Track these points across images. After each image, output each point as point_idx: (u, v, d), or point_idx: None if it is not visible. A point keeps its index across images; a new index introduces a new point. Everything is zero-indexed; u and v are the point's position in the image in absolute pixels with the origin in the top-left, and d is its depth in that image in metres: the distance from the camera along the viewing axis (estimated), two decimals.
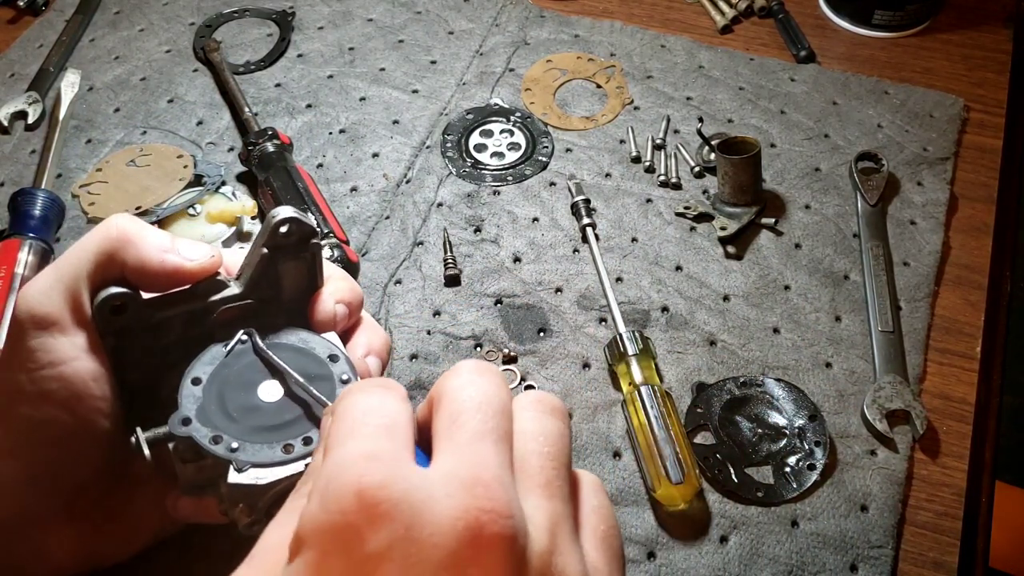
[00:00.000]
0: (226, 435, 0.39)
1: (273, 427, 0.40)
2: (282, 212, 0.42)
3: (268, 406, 0.41)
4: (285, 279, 0.44)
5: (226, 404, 0.41)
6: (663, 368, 0.58)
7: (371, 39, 0.81)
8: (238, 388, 0.41)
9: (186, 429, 0.39)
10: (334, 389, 0.42)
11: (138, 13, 0.85)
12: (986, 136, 0.72)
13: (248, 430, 0.40)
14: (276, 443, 0.40)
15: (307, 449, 0.40)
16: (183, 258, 0.42)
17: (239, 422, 0.40)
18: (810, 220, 0.66)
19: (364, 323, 0.48)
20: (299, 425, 0.41)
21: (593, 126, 0.73)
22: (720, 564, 0.50)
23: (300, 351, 0.44)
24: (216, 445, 0.39)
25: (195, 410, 0.40)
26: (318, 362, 0.43)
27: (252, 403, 0.41)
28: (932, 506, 0.53)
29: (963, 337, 0.60)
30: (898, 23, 0.79)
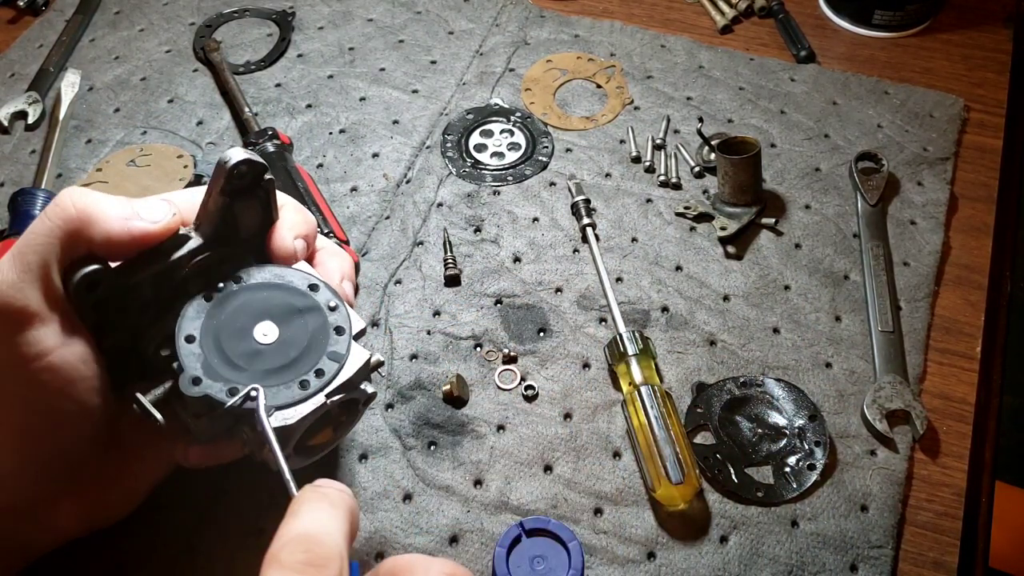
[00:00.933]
0: (240, 385, 0.40)
1: (283, 367, 0.41)
2: (234, 155, 0.41)
3: (270, 347, 0.42)
4: (242, 218, 0.44)
5: (228, 354, 0.41)
6: (663, 368, 0.58)
7: (371, 39, 0.81)
8: (234, 336, 0.42)
9: (199, 388, 0.40)
10: (325, 317, 0.43)
11: (138, 13, 0.85)
12: (986, 136, 0.72)
13: (259, 375, 0.41)
14: (291, 382, 0.41)
15: (321, 381, 0.41)
16: (147, 222, 0.41)
17: (247, 369, 0.41)
18: (810, 220, 0.66)
19: (326, 248, 0.49)
20: (307, 359, 0.42)
21: (593, 126, 0.73)
22: (720, 564, 0.50)
23: (278, 286, 0.44)
24: (233, 397, 0.39)
25: (200, 367, 0.40)
26: (300, 294, 0.43)
27: (253, 347, 0.41)
28: (932, 506, 0.53)
29: (963, 337, 0.60)
30: (898, 23, 0.79)
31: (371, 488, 0.53)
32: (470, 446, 0.55)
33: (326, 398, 0.41)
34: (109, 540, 0.50)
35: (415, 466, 0.54)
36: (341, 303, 0.44)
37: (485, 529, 0.51)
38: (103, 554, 0.50)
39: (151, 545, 0.50)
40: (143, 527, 0.51)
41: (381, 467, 0.54)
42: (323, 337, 0.43)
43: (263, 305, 0.43)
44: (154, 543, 0.51)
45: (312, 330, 0.43)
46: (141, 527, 0.51)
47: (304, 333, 0.42)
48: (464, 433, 0.55)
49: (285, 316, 0.43)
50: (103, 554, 0.50)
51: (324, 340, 0.42)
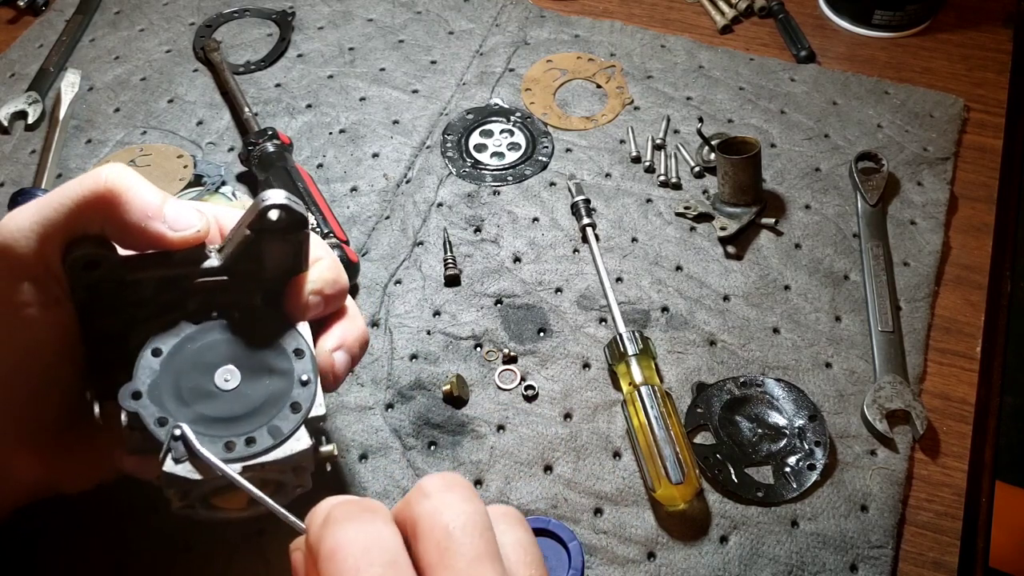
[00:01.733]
0: (172, 419, 0.38)
1: (221, 419, 0.39)
2: (272, 197, 0.39)
3: (223, 394, 0.40)
4: (268, 258, 0.42)
5: (180, 384, 0.39)
6: (663, 368, 0.58)
7: (371, 39, 0.81)
8: (196, 368, 0.40)
9: (134, 404, 0.38)
10: (291, 387, 0.41)
11: (138, 13, 0.85)
12: (986, 136, 0.72)
13: (195, 417, 0.39)
14: (219, 438, 0.39)
15: (248, 451, 0.39)
16: (168, 228, 0.40)
17: (189, 406, 0.39)
18: (810, 220, 0.66)
19: (346, 314, 0.46)
20: (247, 422, 0.39)
21: (593, 126, 0.73)
22: (720, 564, 0.50)
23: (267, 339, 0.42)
24: (160, 427, 0.38)
25: (148, 384, 0.39)
26: (281, 355, 0.42)
27: (206, 387, 0.40)
28: (932, 506, 0.53)
29: (963, 337, 0.60)
30: (898, 23, 0.79)
31: (371, 488, 0.53)
32: (470, 446, 0.55)
33: (243, 470, 0.39)
34: (109, 540, 0.50)
35: (415, 466, 0.54)
36: (315, 381, 0.41)
37: None
38: (103, 554, 0.50)
39: (150, 545, 0.50)
40: (142, 527, 0.51)
41: (381, 467, 0.54)
42: (276, 407, 0.40)
43: (240, 351, 0.41)
44: (153, 543, 0.51)
45: (270, 395, 0.40)
46: (140, 527, 0.51)
47: (261, 396, 0.40)
48: (464, 433, 0.55)
49: (254, 370, 0.41)
50: (103, 554, 0.50)
51: (275, 410, 0.40)
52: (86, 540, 0.51)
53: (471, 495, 0.33)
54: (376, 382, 0.58)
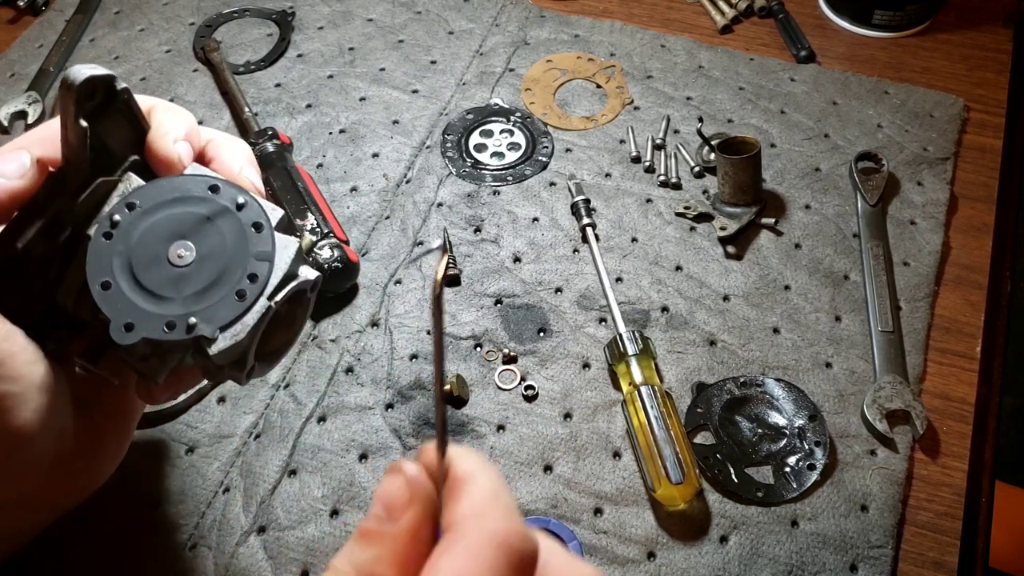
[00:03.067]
0: (174, 316, 0.37)
1: (212, 283, 0.38)
2: (77, 73, 0.36)
3: (190, 268, 0.38)
4: (110, 139, 0.39)
5: (149, 288, 0.38)
6: (663, 368, 0.58)
7: (371, 39, 0.81)
8: (149, 266, 0.38)
9: (133, 334, 0.37)
10: (239, 222, 0.39)
11: (138, 13, 0.85)
12: (986, 136, 0.72)
13: (190, 299, 0.38)
14: (227, 296, 0.38)
15: (258, 285, 0.38)
16: (8, 179, 0.37)
17: (175, 297, 0.38)
18: (810, 220, 0.66)
19: (215, 140, 0.44)
20: (234, 268, 0.38)
21: (593, 126, 0.73)
22: (720, 564, 0.50)
23: (177, 200, 0.40)
24: (173, 331, 0.37)
25: (126, 311, 0.37)
26: (202, 201, 0.40)
27: (173, 273, 0.38)
28: (932, 506, 0.53)
29: (963, 337, 0.60)
30: (898, 23, 0.79)
31: (371, 488, 0.53)
32: (470, 446, 0.55)
33: (269, 300, 0.38)
34: (109, 540, 0.51)
35: None
36: (249, 197, 0.40)
37: None
38: (103, 554, 0.50)
39: (150, 544, 0.50)
40: (142, 526, 0.51)
41: (381, 467, 0.54)
42: (243, 239, 0.39)
43: (168, 225, 0.39)
44: (153, 541, 0.51)
45: (229, 236, 0.39)
46: (140, 526, 0.51)
47: (222, 242, 0.39)
48: (464, 433, 0.55)
49: (195, 230, 0.39)
50: (103, 554, 0.50)
51: (245, 243, 0.39)
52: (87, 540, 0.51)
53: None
54: (376, 382, 0.58)
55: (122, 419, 0.45)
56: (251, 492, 0.53)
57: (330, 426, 0.56)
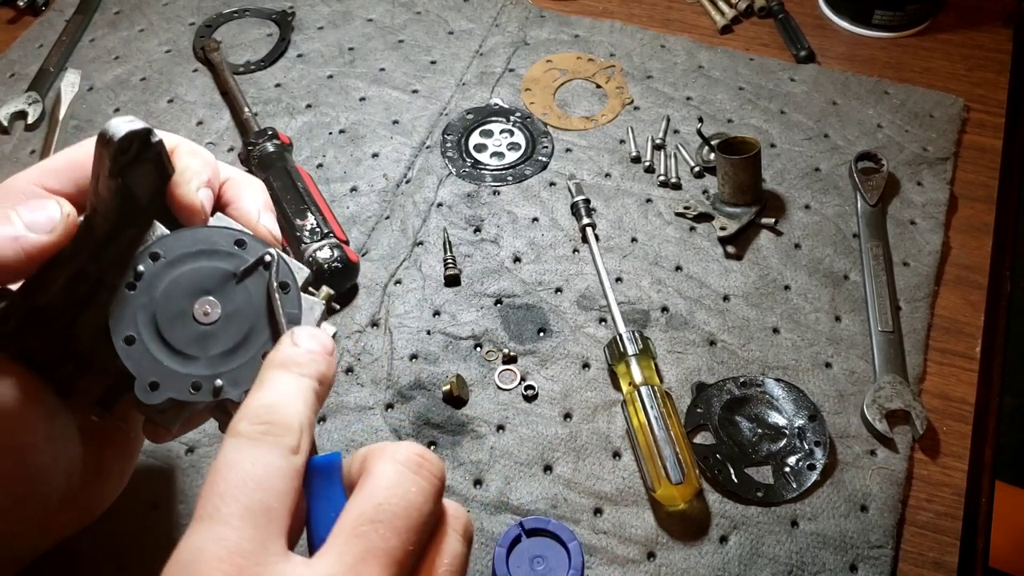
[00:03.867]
0: (200, 376, 0.37)
1: (238, 344, 0.37)
2: (116, 129, 0.35)
3: (216, 325, 0.38)
4: (138, 188, 0.38)
5: (175, 346, 0.37)
6: (663, 368, 0.58)
7: (371, 39, 0.81)
8: (174, 322, 0.37)
9: (158, 394, 0.36)
10: (268, 281, 0.38)
11: (138, 13, 0.85)
12: (986, 136, 0.72)
13: (216, 360, 0.37)
14: (253, 358, 0.37)
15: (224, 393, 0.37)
16: (39, 233, 0.36)
17: (201, 357, 0.37)
18: (810, 220, 0.66)
19: (233, 180, 0.42)
20: (260, 328, 0.38)
21: (593, 126, 0.73)
22: (720, 564, 0.50)
23: (202, 253, 0.39)
24: (199, 393, 0.36)
25: (151, 369, 0.37)
26: (228, 256, 0.39)
27: (199, 331, 0.37)
28: (932, 506, 0.53)
29: (963, 337, 0.60)
30: (898, 23, 0.79)
31: None
32: (470, 446, 0.55)
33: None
34: (109, 540, 0.50)
35: None
36: (277, 254, 0.39)
37: (485, 529, 0.51)
38: (103, 554, 0.50)
39: (150, 545, 0.50)
40: (142, 527, 0.51)
41: None
42: (269, 299, 0.38)
43: (193, 279, 0.38)
44: (153, 543, 0.51)
45: (255, 295, 0.38)
46: (140, 527, 0.51)
47: (248, 301, 0.38)
48: (464, 433, 0.55)
49: (221, 286, 0.38)
50: (103, 554, 0.50)
51: (271, 302, 0.38)
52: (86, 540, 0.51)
53: (428, 490, 0.32)
54: (376, 382, 0.58)
55: (126, 454, 0.46)
56: None
57: (330, 426, 0.56)
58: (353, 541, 0.30)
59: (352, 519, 0.30)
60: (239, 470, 0.30)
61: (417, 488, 0.32)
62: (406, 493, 0.31)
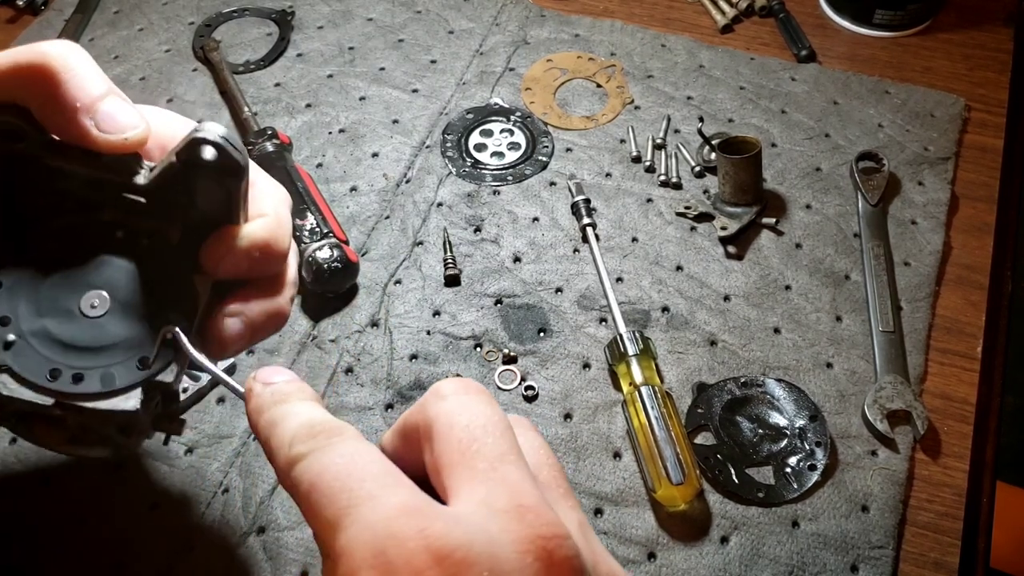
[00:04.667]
0: (136, 342, 0.36)
1: (63, 343, 0.36)
2: (207, 130, 0.35)
3: (81, 318, 0.36)
4: (199, 196, 0.37)
5: (41, 293, 0.36)
6: (663, 368, 0.58)
7: (371, 39, 0.81)
8: (68, 282, 0.36)
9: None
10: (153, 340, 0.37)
11: (137, 13, 0.85)
12: (987, 136, 0.72)
13: (39, 330, 0.35)
14: (49, 362, 0.35)
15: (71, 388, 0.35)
16: (93, 126, 0.35)
17: (40, 317, 0.36)
18: (811, 220, 0.66)
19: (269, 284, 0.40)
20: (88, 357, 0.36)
21: (593, 126, 0.73)
22: (721, 564, 0.49)
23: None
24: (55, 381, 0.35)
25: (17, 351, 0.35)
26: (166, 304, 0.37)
27: (67, 306, 0.36)
28: (933, 506, 0.52)
29: (964, 337, 0.60)
30: (899, 23, 0.79)
31: None
32: None
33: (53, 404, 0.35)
34: (109, 540, 0.50)
35: None
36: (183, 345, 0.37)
37: None
38: (102, 553, 0.50)
39: (150, 544, 0.50)
40: (142, 527, 0.51)
41: None
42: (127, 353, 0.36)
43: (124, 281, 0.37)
44: (153, 541, 0.51)
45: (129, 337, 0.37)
46: (140, 527, 0.51)
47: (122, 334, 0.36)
48: None
49: (127, 306, 0.37)
50: (102, 553, 0.50)
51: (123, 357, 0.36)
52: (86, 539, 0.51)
53: (488, 398, 0.31)
54: (376, 382, 0.57)
55: None
56: (250, 493, 0.53)
57: None
58: (474, 461, 0.29)
59: (454, 452, 0.29)
60: (336, 465, 0.28)
61: (479, 400, 0.31)
62: (477, 408, 0.30)
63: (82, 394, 0.35)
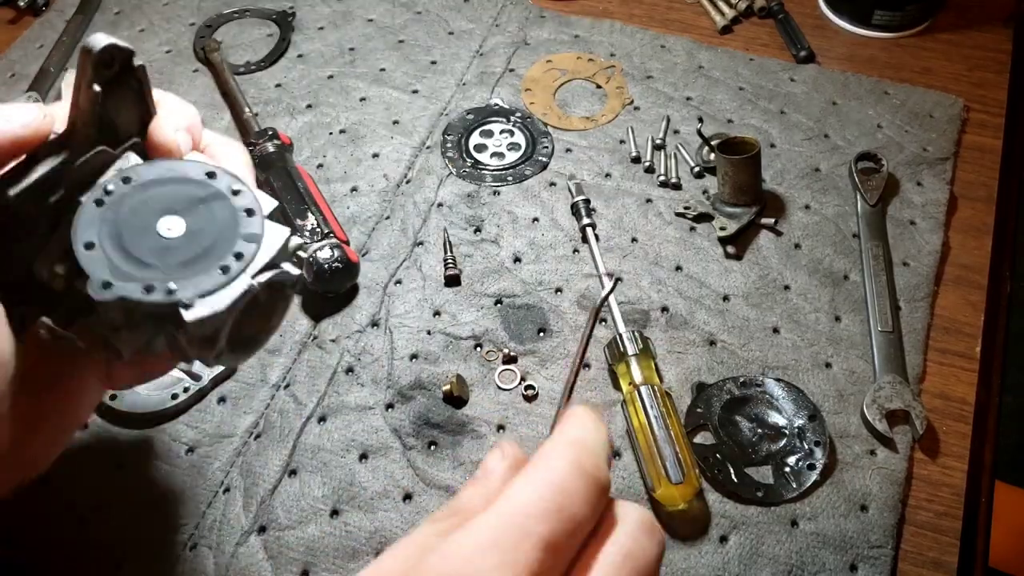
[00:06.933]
0: (155, 281, 0.36)
1: (197, 256, 0.37)
2: (96, 41, 0.37)
3: (178, 240, 0.38)
4: (118, 116, 0.39)
5: (134, 254, 0.37)
6: (663, 368, 0.58)
7: (371, 39, 0.81)
8: (137, 234, 0.37)
9: (111, 292, 0.36)
10: (232, 206, 0.39)
11: (138, 13, 0.85)
12: (986, 136, 0.72)
13: (173, 268, 0.37)
14: (210, 268, 0.37)
15: (242, 263, 0.37)
16: (15, 124, 0.37)
17: (159, 265, 0.37)
18: (810, 220, 0.66)
19: (216, 142, 0.44)
20: (221, 246, 0.38)
21: (593, 126, 0.73)
22: (720, 564, 0.50)
23: (173, 180, 0.39)
24: (151, 294, 0.36)
25: (108, 270, 0.36)
26: (198, 184, 0.40)
27: (161, 243, 0.37)
28: (932, 506, 0.53)
29: (963, 337, 0.60)
30: (898, 23, 0.79)
31: (371, 488, 0.53)
32: (470, 446, 0.55)
33: (251, 279, 0.38)
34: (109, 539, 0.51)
35: (415, 466, 0.54)
36: (244, 186, 0.40)
37: None
38: (102, 553, 0.50)
39: (150, 543, 0.51)
40: (142, 526, 0.51)
41: (381, 467, 0.54)
42: (233, 222, 0.39)
43: (162, 200, 0.39)
44: (153, 541, 0.51)
45: (220, 217, 0.39)
46: (140, 526, 0.51)
47: (212, 221, 0.38)
48: (464, 433, 0.55)
49: (188, 207, 0.39)
50: (102, 553, 0.50)
51: (235, 224, 0.39)
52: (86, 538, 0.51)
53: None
54: (376, 382, 0.58)
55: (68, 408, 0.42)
56: (251, 492, 0.53)
57: (330, 426, 0.56)
58: None
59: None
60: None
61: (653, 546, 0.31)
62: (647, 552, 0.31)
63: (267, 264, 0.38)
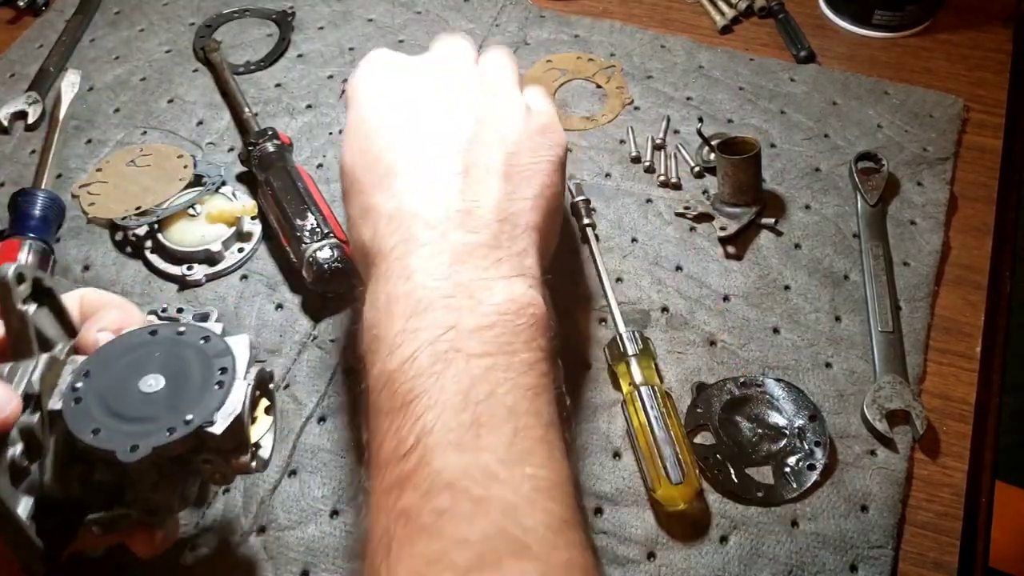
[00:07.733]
0: (171, 423, 0.39)
1: (189, 391, 0.40)
2: (4, 269, 0.40)
3: (166, 389, 0.40)
4: (47, 330, 0.43)
5: (138, 416, 0.39)
6: (663, 368, 0.58)
7: (371, 39, 0.81)
8: (129, 401, 0.40)
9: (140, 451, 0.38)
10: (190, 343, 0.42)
11: (138, 13, 0.85)
12: (986, 136, 0.72)
13: (177, 409, 0.40)
14: (208, 391, 0.40)
15: (231, 374, 0.41)
16: None
17: (164, 412, 0.40)
18: (810, 220, 0.66)
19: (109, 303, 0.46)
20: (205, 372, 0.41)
21: (593, 126, 0.73)
22: (720, 564, 0.50)
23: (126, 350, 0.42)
24: (175, 433, 0.39)
25: (126, 438, 0.38)
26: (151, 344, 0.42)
27: (153, 398, 0.40)
28: (932, 506, 0.53)
29: (963, 337, 0.60)
30: (898, 23, 0.79)
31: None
32: None
33: (244, 379, 0.41)
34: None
35: None
36: (187, 322, 0.44)
37: None
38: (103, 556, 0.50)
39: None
40: None
41: None
42: (201, 351, 0.42)
43: (128, 368, 0.41)
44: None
45: (186, 355, 0.42)
46: None
47: (182, 360, 0.42)
48: None
49: (152, 363, 0.42)
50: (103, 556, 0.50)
51: (204, 352, 0.42)
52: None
53: None
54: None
55: None
56: (251, 492, 0.53)
57: (330, 426, 0.56)
58: None
59: None
60: None
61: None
62: None
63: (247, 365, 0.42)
